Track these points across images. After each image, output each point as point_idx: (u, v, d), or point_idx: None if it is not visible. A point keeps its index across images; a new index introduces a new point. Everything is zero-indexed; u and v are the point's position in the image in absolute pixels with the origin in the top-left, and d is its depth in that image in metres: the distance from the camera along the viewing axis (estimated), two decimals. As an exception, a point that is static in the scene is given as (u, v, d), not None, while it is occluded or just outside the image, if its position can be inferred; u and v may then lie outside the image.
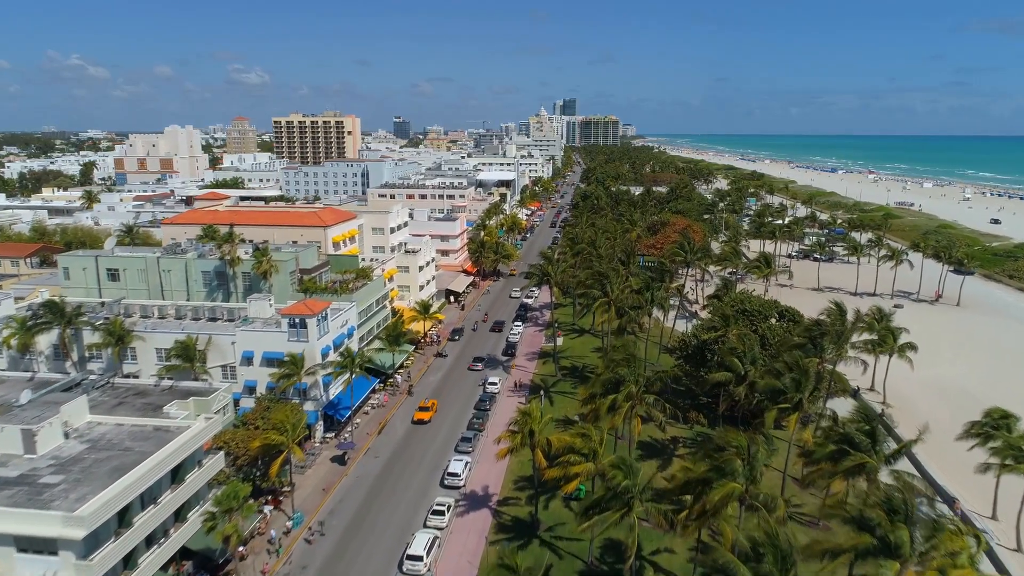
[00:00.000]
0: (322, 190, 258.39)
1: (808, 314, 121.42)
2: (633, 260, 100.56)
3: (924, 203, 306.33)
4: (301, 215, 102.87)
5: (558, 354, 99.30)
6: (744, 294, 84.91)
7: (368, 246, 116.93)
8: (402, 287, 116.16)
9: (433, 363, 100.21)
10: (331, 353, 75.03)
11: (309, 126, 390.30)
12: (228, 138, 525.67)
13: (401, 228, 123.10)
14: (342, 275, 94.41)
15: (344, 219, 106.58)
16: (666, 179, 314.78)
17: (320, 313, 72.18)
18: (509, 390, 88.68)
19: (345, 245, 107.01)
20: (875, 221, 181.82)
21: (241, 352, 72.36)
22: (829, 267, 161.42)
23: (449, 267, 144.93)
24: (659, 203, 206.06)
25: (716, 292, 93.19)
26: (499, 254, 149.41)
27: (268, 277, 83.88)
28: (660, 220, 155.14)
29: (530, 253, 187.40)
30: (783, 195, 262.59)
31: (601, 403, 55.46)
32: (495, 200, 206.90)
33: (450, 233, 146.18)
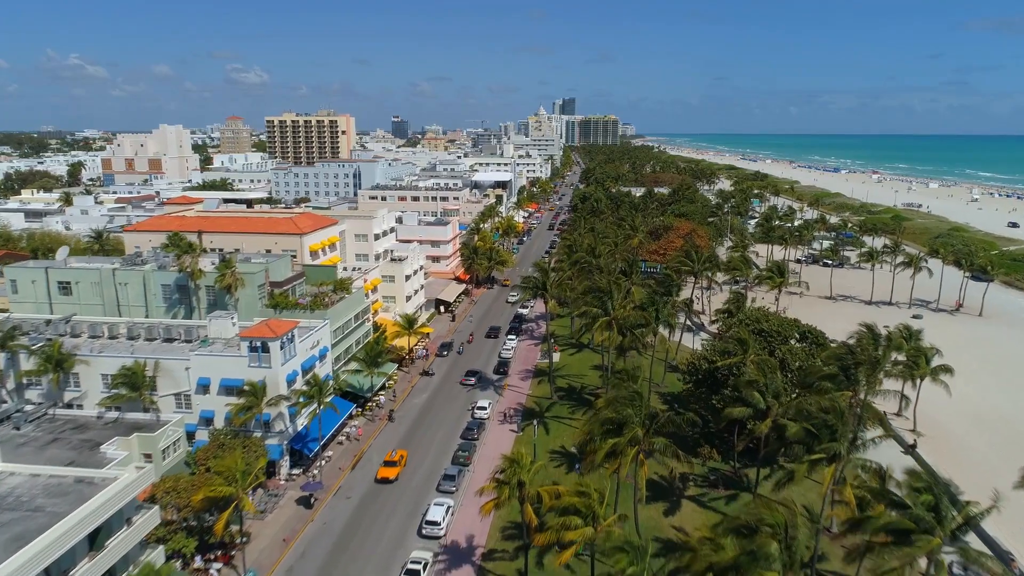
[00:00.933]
0: (313, 191, 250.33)
1: (824, 326, 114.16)
2: (635, 270, 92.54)
3: (931, 204, 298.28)
4: (275, 222, 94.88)
5: (554, 373, 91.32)
6: (760, 311, 76.76)
7: (351, 254, 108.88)
8: (387, 298, 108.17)
9: (419, 383, 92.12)
10: (299, 379, 67.04)
11: (303, 125, 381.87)
12: (222, 138, 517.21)
13: (387, 234, 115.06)
14: (318, 287, 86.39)
15: (323, 225, 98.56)
16: (667, 180, 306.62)
17: (285, 335, 64.14)
18: (501, 415, 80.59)
19: (325, 253, 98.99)
20: (887, 224, 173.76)
21: (196, 379, 64.30)
22: (841, 273, 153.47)
23: (440, 274, 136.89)
24: (661, 205, 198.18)
25: (727, 306, 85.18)
26: (493, 260, 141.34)
27: (233, 292, 75.86)
28: (663, 224, 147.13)
29: (527, 258, 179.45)
30: (788, 196, 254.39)
31: (600, 447, 47.45)
32: (490, 202, 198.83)
33: (441, 238, 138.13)
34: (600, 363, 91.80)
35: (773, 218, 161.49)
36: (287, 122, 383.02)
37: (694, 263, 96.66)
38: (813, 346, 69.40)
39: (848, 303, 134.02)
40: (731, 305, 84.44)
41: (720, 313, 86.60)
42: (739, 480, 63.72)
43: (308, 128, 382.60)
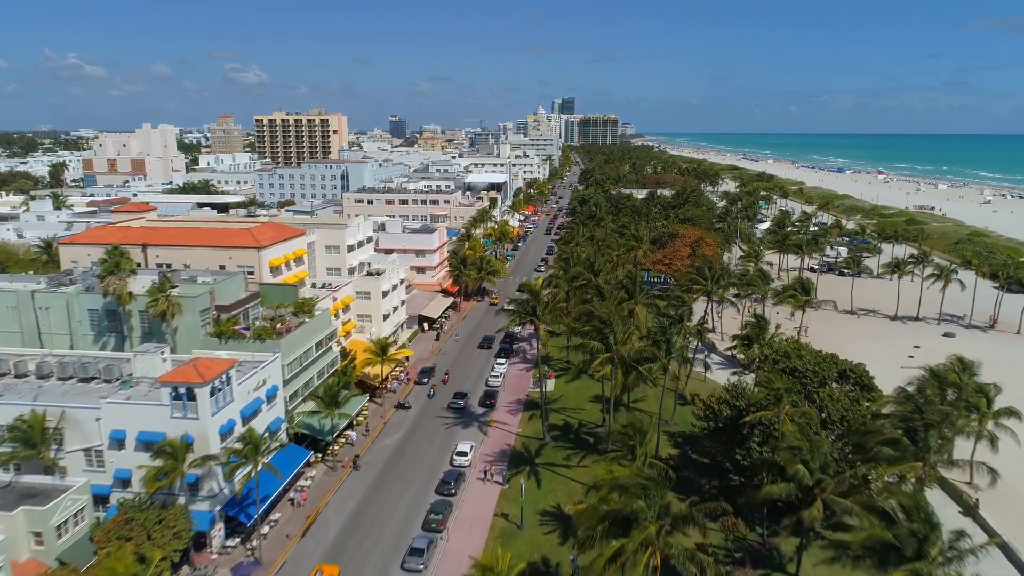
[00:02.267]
0: (299, 194, 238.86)
1: (849, 348, 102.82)
2: (639, 288, 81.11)
3: (943, 206, 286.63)
4: (230, 234, 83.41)
5: (547, 406, 79.99)
6: (790, 343, 65.19)
7: (321, 268, 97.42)
8: (362, 317, 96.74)
9: (393, 418, 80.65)
10: (238, 427, 55.64)
11: (293, 125, 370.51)
12: (213, 138, 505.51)
13: (363, 245, 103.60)
14: (275, 310, 74.94)
15: (286, 237, 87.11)
16: (669, 181, 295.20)
17: (218, 377, 52.70)
18: (485, 462, 69.05)
19: (289, 268, 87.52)
20: (907, 231, 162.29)
21: (108, 432, 52.86)
22: (859, 283, 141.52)
23: (425, 286, 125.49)
24: (664, 208, 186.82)
25: (746, 330, 73.74)
26: (484, 270, 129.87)
27: (168, 319, 64.39)
28: (668, 231, 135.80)
29: (521, 265, 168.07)
30: (797, 199, 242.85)
31: (602, 552, 36.00)
32: (484, 206, 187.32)
33: (426, 247, 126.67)
34: (600, 393, 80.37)
35: (786, 224, 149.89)
36: (277, 121, 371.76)
37: (707, 281, 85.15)
38: (857, 389, 57.94)
39: (871, 318, 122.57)
40: (751, 330, 72.96)
41: (739, 340, 75.08)
42: (769, 554, 52.36)
43: (299, 128, 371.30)
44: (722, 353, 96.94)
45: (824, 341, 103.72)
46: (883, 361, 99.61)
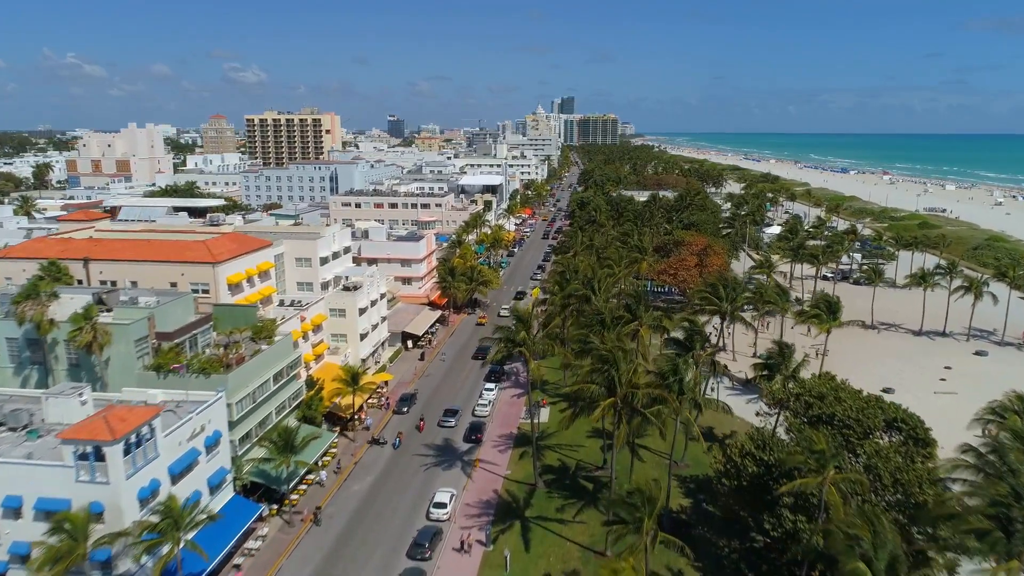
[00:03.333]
0: (286, 196, 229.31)
1: (872, 370, 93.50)
2: (644, 307, 71.60)
3: (953, 208, 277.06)
4: (182, 247, 73.90)
5: (541, 442, 70.70)
6: (825, 382, 55.65)
7: (291, 282, 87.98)
8: (336, 337, 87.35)
9: (365, 456, 71.21)
10: (166, 488, 46.27)
11: (284, 124, 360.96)
12: (205, 137, 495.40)
13: (339, 256, 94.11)
14: (228, 336, 65.50)
15: (249, 249, 77.62)
16: (671, 182, 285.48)
17: (135, 431, 43.30)
18: (466, 515, 59.64)
19: (252, 285, 78.05)
20: (927, 237, 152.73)
21: (2, 498, 43.47)
22: (876, 293, 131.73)
23: (412, 299, 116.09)
24: (667, 212, 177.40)
25: (768, 359, 64.32)
26: (475, 281, 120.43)
27: (95, 351, 55.00)
28: (672, 239, 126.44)
29: (516, 272, 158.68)
30: (805, 201, 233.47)
31: None
32: (477, 210, 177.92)
33: (413, 256, 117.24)
34: (599, 426, 70.90)
35: (798, 229, 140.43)
36: (268, 121, 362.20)
37: (722, 300, 75.54)
38: (910, 442, 48.56)
39: (894, 334, 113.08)
40: (774, 358, 63.51)
41: (759, 368, 65.60)
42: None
43: (291, 127, 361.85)
44: (735, 376, 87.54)
45: (845, 361, 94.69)
46: (913, 385, 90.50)
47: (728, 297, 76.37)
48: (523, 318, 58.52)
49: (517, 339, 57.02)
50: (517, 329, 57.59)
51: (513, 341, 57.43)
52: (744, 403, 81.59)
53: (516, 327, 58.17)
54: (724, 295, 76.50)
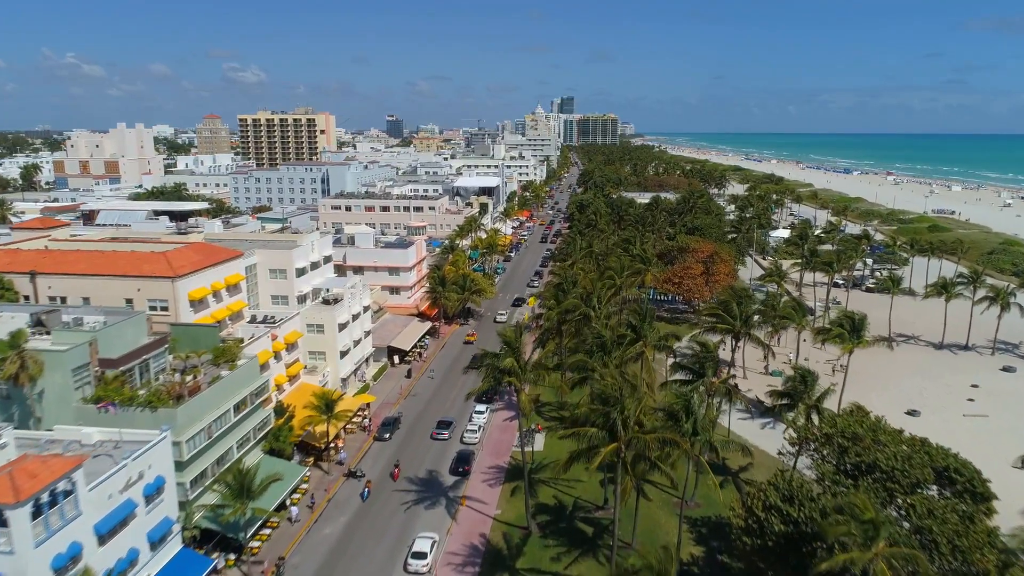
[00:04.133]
0: (276, 198, 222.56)
1: (896, 390, 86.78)
2: (649, 326, 64.65)
3: (962, 210, 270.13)
4: (140, 260, 66.99)
5: (535, 475, 63.97)
6: (859, 419, 48.70)
7: (264, 296, 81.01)
8: (314, 355, 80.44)
9: (341, 491, 64.28)
10: (91, 551, 39.41)
11: (278, 124, 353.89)
12: (199, 137, 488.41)
13: (318, 266, 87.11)
14: (184, 360, 58.63)
15: (214, 261, 70.69)
16: (672, 183, 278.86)
17: (47, 488, 36.43)
18: (449, 564, 52.72)
19: (219, 300, 71.16)
20: (944, 242, 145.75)
21: None
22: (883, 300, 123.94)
23: (400, 309, 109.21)
24: (669, 215, 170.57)
25: (788, 388, 57.38)
26: (468, 289, 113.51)
27: (24, 382, 48.10)
28: (676, 245, 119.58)
29: (513, 279, 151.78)
30: (811, 203, 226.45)
31: None
32: (472, 213, 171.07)
33: (401, 264, 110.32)
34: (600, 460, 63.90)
35: (808, 234, 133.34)
36: (261, 121, 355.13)
37: (736, 320, 68.43)
38: (967, 497, 41.68)
39: (913, 347, 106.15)
40: (795, 384, 56.59)
41: (777, 397, 58.65)
42: None
43: (284, 127, 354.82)
44: (746, 397, 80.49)
45: (863, 378, 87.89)
46: (938, 406, 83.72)
47: (741, 315, 69.37)
48: (511, 342, 51.50)
49: (504, 367, 50.04)
50: (504, 355, 50.58)
51: (500, 369, 50.46)
52: (758, 429, 74.82)
53: (504, 353, 51.19)
54: (738, 313, 69.47)
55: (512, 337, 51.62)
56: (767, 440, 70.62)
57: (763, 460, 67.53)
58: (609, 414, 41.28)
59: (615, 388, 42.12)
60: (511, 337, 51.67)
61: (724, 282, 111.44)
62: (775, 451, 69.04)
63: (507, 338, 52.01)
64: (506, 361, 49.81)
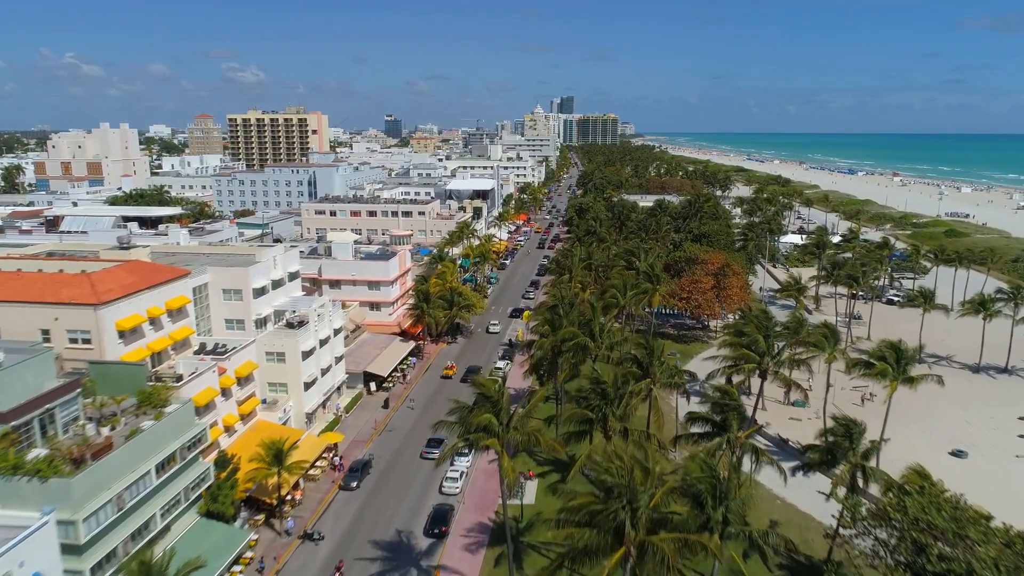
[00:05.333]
0: (261, 201, 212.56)
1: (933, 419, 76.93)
2: (657, 361, 54.67)
3: (975, 212, 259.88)
4: (59, 283, 57.02)
5: (523, 540, 54.00)
6: (933, 499, 38.52)
7: (217, 320, 70.87)
8: (274, 387, 70.51)
9: (293, 558, 54.23)
10: None
11: (268, 124, 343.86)
12: (191, 138, 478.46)
13: (282, 284, 76.93)
14: (99, 409, 48.65)
15: (153, 283, 60.65)
16: (675, 185, 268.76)
17: None
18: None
19: (158, 328, 61.11)
20: (972, 252, 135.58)
21: None
22: (910, 315, 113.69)
23: (381, 327, 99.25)
24: (673, 219, 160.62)
25: (829, 443, 47.35)
26: (456, 305, 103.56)
27: None
28: (684, 256, 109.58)
29: (507, 289, 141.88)
30: (822, 207, 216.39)
31: None
32: (465, 217, 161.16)
33: (381, 278, 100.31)
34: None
35: (826, 242, 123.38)
36: (252, 121, 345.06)
37: (764, 356, 57.88)
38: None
39: (947, 371, 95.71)
40: (838, 439, 46.52)
41: (813, 451, 48.58)
42: None
43: (275, 127, 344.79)
44: (770, 435, 70.48)
45: (898, 409, 77.33)
46: (986, 445, 73.71)
47: (770, 349, 58.98)
48: (490, 394, 41.34)
49: (478, 424, 39.86)
50: (479, 412, 40.34)
51: (475, 429, 40.26)
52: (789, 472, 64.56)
53: (479, 409, 41.00)
54: (765, 347, 59.06)
55: (491, 389, 41.44)
56: (797, 491, 60.61)
57: (792, 516, 57.75)
58: (615, 511, 31.33)
59: (621, 473, 32.07)
60: (490, 389, 41.49)
61: (737, 297, 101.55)
62: (805, 502, 59.39)
63: (485, 390, 41.87)
64: (482, 417, 39.78)
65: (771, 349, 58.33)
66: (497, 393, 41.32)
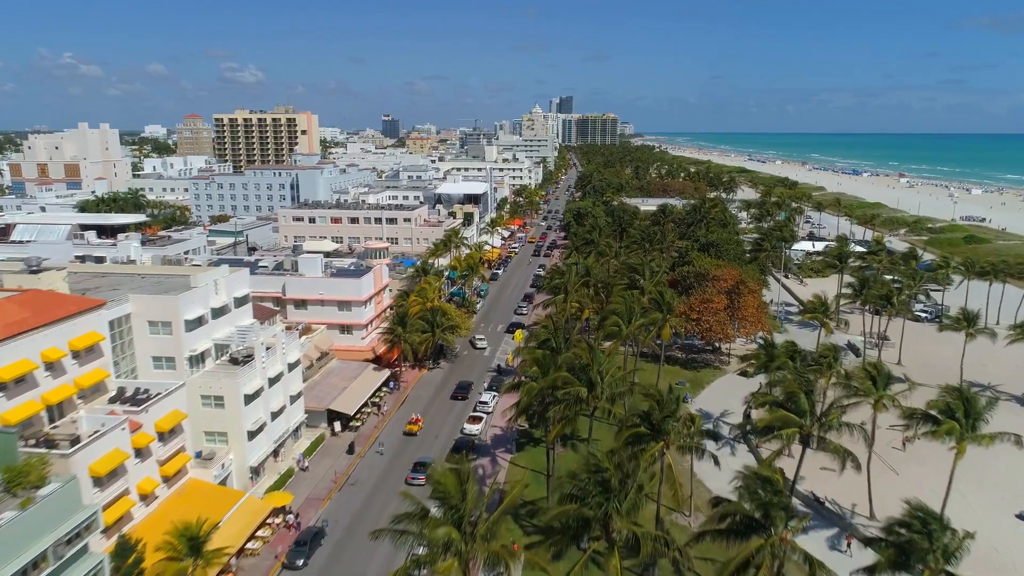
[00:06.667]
0: (241, 205, 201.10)
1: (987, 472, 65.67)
2: (673, 419, 43.45)
3: (991, 216, 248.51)
4: (-79, 321, 45.84)
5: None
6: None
7: (143, 357, 59.32)
8: (212, 437, 59.17)
9: (212, 673, 42.78)
10: None
11: (256, 124, 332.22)
12: (179, 138, 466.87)
13: (225, 312, 65.27)
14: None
15: (50, 319, 49.24)
16: (678, 187, 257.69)
17: None
18: None
19: (58, 374, 49.74)
20: (1008, 264, 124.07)
21: None
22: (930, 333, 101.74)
23: (352, 353, 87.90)
24: (677, 225, 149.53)
25: (897, 537, 36.12)
26: (438, 326, 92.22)
27: None
28: (693, 271, 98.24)
29: (498, 304, 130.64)
30: (834, 211, 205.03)
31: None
32: (455, 224, 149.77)
33: (352, 297, 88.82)
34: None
35: (848, 254, 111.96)
36: (239, 121, 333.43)
37: (807, 416, 45.68)
38: None
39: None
40: (912, 537, 35.29)
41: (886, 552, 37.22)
42: None
43: (263, 127, 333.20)
44: (799, 492, 59.01)
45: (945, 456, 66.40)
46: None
47: (812, 409, 46.61)
48: (447, 495, 29.86)
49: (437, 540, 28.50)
50: (434, 523, 28.84)
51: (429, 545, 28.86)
52: (823, 545, 53.30)
53: (442, 516, 29.63)
54: (807, 406, 46.85)
55: (451, 486, 30.04)
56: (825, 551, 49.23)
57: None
58: None
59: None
60: (449, 487, 30.08)
61: (753, 319, 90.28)
62: None
63: (442, 489, 30.44)
64: (439, 532, 28.53)
65: (814, 408, 46.49)
66: (459, 495, 29.92)
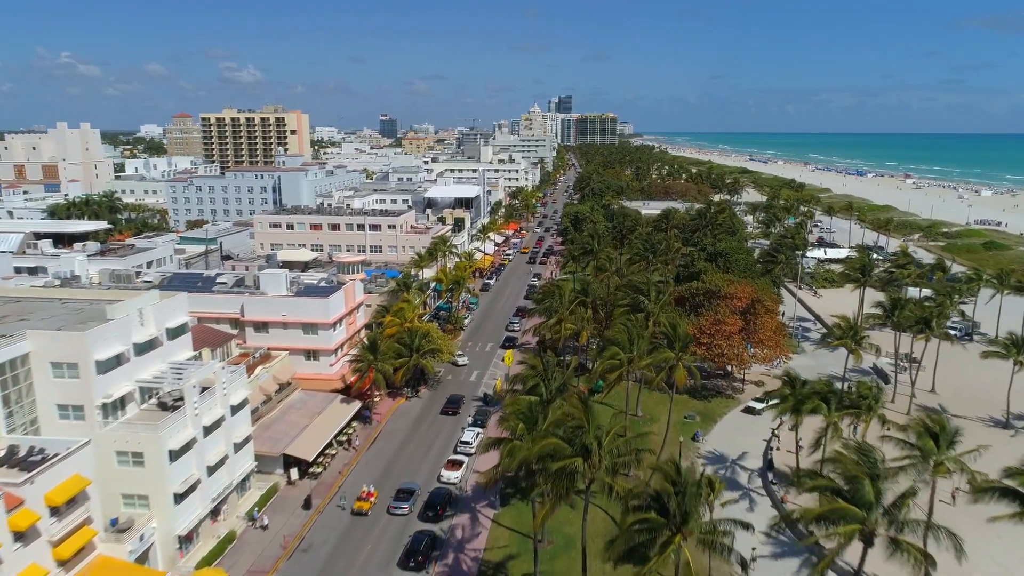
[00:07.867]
0: (221, 209, 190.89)
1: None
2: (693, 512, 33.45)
3: (1006, 220, 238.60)
4: None
5: None
6: None
7: (47, 407, 49.13)
8: (131, 500, 49.05)
9: None
10: None
11: (244, 124, 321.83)
12: (168, 138, 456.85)
13: (153, 347, 54.99)
14: None
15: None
16: (679, 189, 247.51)
17: None
18: None
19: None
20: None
21: None
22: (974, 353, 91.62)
23: (319, 382, 77.78)
24: (681, 231, 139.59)
25: None
26: (418, 351, 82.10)
27: None
28: (703, 288, 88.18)
29: (489, 317, 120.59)
30: (844, 215, 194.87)
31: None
32: (443, 231, 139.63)
33: (319, 319, 78.55)
34: None
35: (869, 265, 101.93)
36: (226, 120, 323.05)
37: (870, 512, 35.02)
38: None
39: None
40: None
41: None
42: None
43: (251, 127, 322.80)
44: (838, 567, 48.94)
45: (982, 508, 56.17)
46: None
47: (878, 496, 35.77)
48: None
49: None
50: None
51: None
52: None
53: None
54: (872, 496, 35.49)
55: None
56: None
57: None
58: None
59: None
60: None
61: (771, 343, 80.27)
62: None
63: None
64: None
65: (879, 495, 35.64)
66: None
